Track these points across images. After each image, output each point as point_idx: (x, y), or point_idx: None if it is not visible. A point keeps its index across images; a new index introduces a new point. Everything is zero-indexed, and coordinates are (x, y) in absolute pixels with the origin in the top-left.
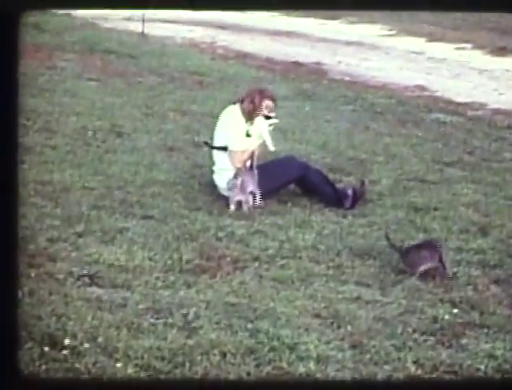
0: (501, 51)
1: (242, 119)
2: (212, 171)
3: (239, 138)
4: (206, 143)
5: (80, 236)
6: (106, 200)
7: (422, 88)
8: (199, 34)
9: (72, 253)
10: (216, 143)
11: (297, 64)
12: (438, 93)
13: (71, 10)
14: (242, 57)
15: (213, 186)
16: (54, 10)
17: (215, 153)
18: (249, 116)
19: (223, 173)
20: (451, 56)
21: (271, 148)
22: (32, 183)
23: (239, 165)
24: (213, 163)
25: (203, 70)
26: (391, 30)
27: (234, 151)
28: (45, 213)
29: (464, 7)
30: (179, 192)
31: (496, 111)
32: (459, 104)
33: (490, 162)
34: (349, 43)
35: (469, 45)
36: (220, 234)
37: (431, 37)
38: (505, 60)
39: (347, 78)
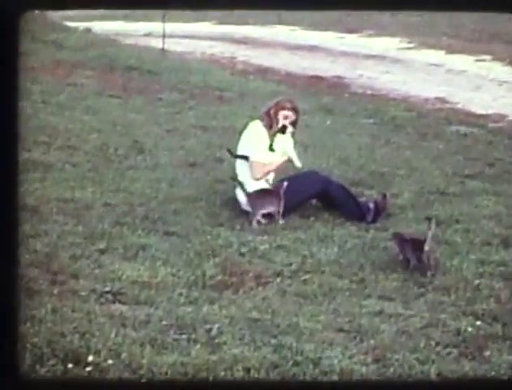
0: None
1: (265, 133)
2: (235, 186)
3: (261, 149)
4: (229, 151)
5: (102, 252)
6: (128, 216)
7: (442, 100)
8: (219, 49)
9: (95, 270)
10: (240, 162)
11: (317, 78)
12: (458, 105)
13: (87, 24)
14: (262, 72)
15: (235, 201)
16: (73, 26)
17: (238, 166)
18: (270, 129)
19: (243, 187)
20: (471, 68)
21: (298, 164)
22: (54, 200)
23: (258, 176)
24: (236, 177)
25: (223, 85)
26: (410, 43)
27: (255, 162)
28: (67, 230)
29: (464, 7)
30: (201, 208)
31: None
32: (480, 116)
33: (511, 174)
34: (369, 56)
35: (488, 57)
36: (243, 249)
37: (451, 49)
38: None
39: (368, 91)
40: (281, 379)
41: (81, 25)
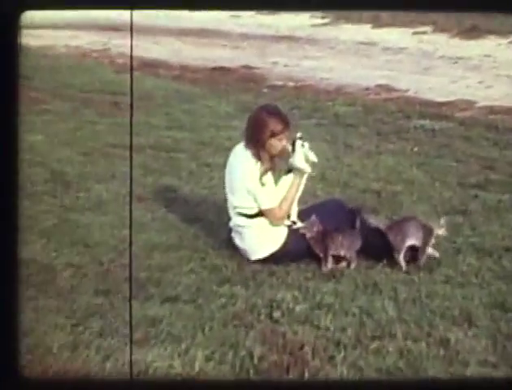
0: (470, 33)
1: (258, 164)
2: (229, 229)
3: (267, 191)
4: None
5: (100, 335)
6: (105, 280)
7: (386, 88)
8: (85, 40)
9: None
10: (237, 203)
11: (221, 70)
12: (409, 93)
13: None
14: (151, 66)
15: (227, 245)
16: None
17: (231, 205)
18: (263, 159)
19: (244, 231)
20: (411, 44)
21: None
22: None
23: (280, 220)
24: (228, 218)
25: (113, 87)
26: (324, 18)
27: (268, 209)
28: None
29: (464, 7)
30: (190, 258)
31: (490, 110)
32: (441, 104)
33: None
34: (277, 38)
35: (429, 28)
36: (275, 314)
37: (378, 22)
38: (480, 43)
39: (290, 83)
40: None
41: None
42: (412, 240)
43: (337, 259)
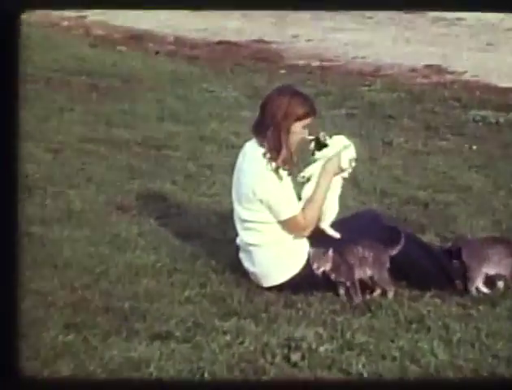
0: None
1: (274, 166)
2: (236, 248)
3: (286, 197)
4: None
5: None
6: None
7: (438, 69)
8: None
9: None
10: (246, 215)
11: (227, 46)
12: (466, 76)
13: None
14: (137, 39)
15: (231, 268)
16: None
17: (239, 218)
18: (282, 157)
19: (255, 251)
20: (469, 13)
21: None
22: None
23: (306, 232)
24: (234, 234)
25: (88, 66)
26: None
27: (291, 218)
28: None
29: (464, 7)
30: (185, 284)
31: None
32: (507, 90)
33: None
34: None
35: None
36: (294, 357)
37: None
38: None
39: (315, 62)
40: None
41: None
42: (493, 268)
43: (369, 287)
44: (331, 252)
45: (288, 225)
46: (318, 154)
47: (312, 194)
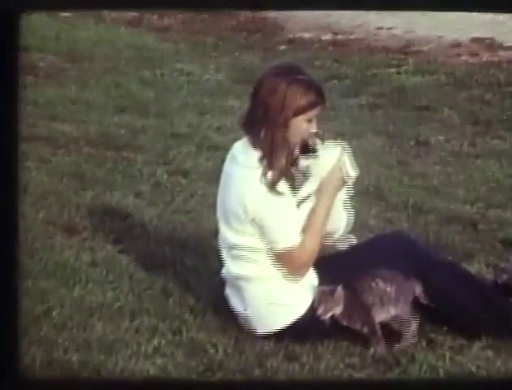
0: None
1: (270, 175)
2: (221, 283)
3: (285, 219)
4: None
5: None
6: None
7: (488, 44)
8: None
9: None
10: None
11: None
12: None
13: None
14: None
15: (224, 311)
16: None
17: (225, 242)
18: (279, 162)
19: (246, 287)
20: None
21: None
22: None
23: (304, 270)
24: (219, 264)
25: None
26: None
27: (287, 251)
28: None
29: (464, 7)
30: (157, 331)
31: None
32: None
33: None
34: None
35: None
36: None
37: None
38: None
39: (325, 36)
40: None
41: None
42: None
43: (395, 332)
44: (340, 289)
45: (283, 258)
46: (307, 163)
47: (310, 221)
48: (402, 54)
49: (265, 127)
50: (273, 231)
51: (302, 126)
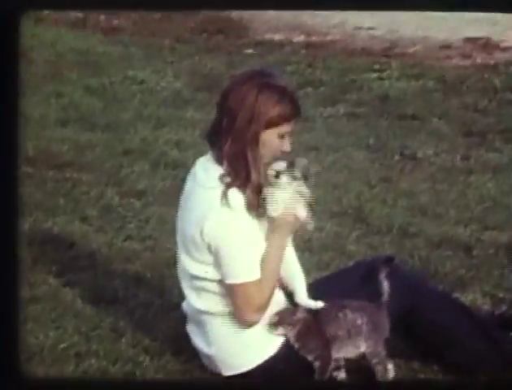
0: None
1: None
2: (183, 317)
3: (247, 254)
4: None
5: None
6: None
7: (485, 44)
8: None
9: None
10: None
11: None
12: None
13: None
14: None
15: (185, 351)
16: None
17: (185, 272)
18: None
19: (210, 322)
20: None
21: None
22: None
23: (256, 317)
24: (179, 297)
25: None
26: None
27: (241, 286)
28: None
29: (464, 7)
30: (107, 375)
31: None
32: None
33: None
34: None
35: None
36: None
37: None
38: None
39: (298, 37)
40: None
41: None
42: None
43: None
44: (302, 311)
45: (236, 294)
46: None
47: (265, 261)
48: (385, 57)
49: (230, 139)
50: (228, 260)
51: (274, 141)
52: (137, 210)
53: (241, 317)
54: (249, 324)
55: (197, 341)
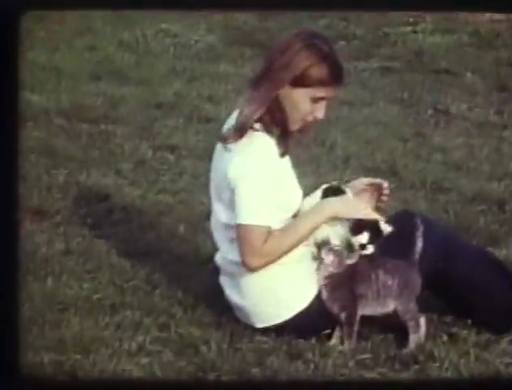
0: None
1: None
2: (216, 269)
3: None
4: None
5: None
6: None
7: None
8: None
9: None
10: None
11: None
12: None
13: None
14: None
15: (218, 303)
16: None
17: (219, 223)
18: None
19: (244, 274)
20: None
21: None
22: None
23: (256, 263)
24: (212, 249)
25: None
26: None
27: (244, 227)
28: None
29: (464, 7)
30: (141, 327)
31: None
32: None
33: None
34: None
35: None
36: None
37: None
38: None
39: None
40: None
41: None
42: None
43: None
44: (351, 260)
45: (239, 235)
46: None
47: (291, 225)
48: (419, 12)
49: (265, 84)
50: (241, 201)
51: (305, 103)
52: (171, 163)
53: (242, 259)
54: (249, 268)
55: (230, 293)
